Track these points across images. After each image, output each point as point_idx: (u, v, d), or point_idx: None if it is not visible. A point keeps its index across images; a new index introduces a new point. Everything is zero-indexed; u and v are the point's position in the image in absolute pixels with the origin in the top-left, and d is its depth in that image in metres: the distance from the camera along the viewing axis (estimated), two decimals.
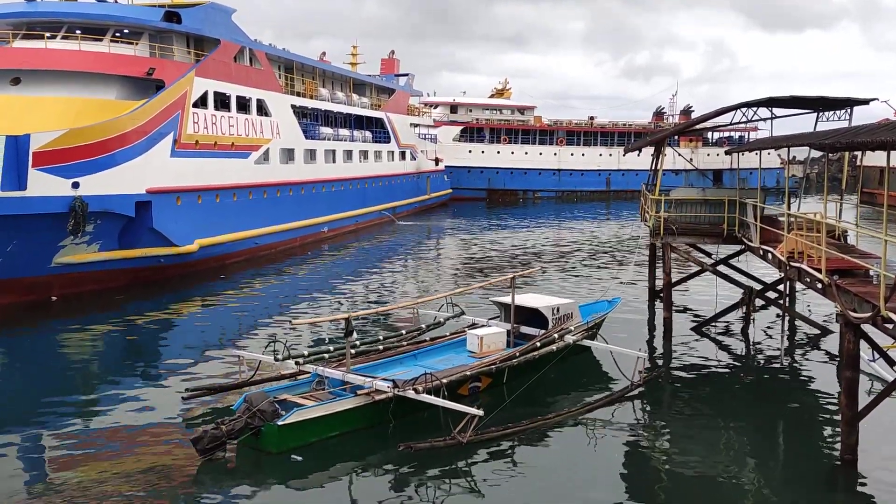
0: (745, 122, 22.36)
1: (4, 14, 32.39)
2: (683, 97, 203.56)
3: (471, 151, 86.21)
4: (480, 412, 14.13)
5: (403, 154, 64.44)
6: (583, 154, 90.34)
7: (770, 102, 21.19)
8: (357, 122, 56.22)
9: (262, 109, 40.44)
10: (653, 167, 25.50)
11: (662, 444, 14.81)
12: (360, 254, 42.00)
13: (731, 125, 24.59)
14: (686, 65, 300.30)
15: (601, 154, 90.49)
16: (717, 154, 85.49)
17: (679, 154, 40.58)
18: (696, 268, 23.84)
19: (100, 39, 31.99)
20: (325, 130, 49.44)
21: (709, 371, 19.54)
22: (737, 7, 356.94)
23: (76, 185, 26.81)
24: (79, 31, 32.03)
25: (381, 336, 19.77)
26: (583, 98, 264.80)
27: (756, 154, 23.56)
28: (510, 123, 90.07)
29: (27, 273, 26.53)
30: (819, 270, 14.62)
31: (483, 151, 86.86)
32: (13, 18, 32.50)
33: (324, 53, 60.05)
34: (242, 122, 38.08)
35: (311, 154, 46.29)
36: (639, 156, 39.86)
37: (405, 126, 65.94)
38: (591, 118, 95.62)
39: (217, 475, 12.92)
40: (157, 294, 28.67)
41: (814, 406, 17.16)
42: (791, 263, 16.66)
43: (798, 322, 23.33)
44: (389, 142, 61.20)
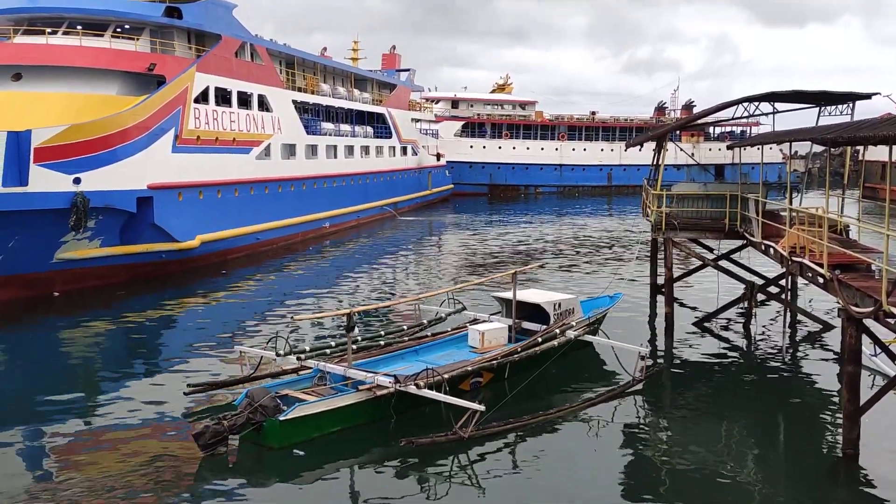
0: (747, 117, 22.31)
1: (5, 10, 32.41)
2: (685, 92, 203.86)
3: (472, 147, 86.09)
4: (482, 407, 14.14)
5: (405, 149, 64.36)
6: (584, 149, 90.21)
7: (772, 97, 21.12)
8: (358, 118, 56.18)
9: (264, 105, 40.44)
10: (654, 162, 25.47)
11: (664, 439, 14.82)
12: (362, 249, 42.01)
13: (733, 120, 24.54)
14: (688, 60, 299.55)
15: (602, 149, 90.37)
16: (719, 149, 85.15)
17: (681, 149, 40.57)
18: (698, 263, 23.82)
19: (101, 35, 31.99)
20: (327, 126, 49.43)
21: (710, 366, 19.54)
22: (739, 1, 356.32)
23: (78, 181, 26.84)
24: (80, 27, 32.03)
25: (383, 331, 19.85)
26: (584, 93, 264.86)
27: (758, 149, 23.51)
28: (511, 118, 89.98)
29: (29, 269, 26.57)
30: (821, 265, 14.61)
31: (484, 147, 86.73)
32: (14, 14, 32.50)
33: (325, 49, 59.89)
34: (244, 118, 38.08)
35: (313, 149, 46.27)
36: (640, 151, 39.87)
37: (406, 121, 65.86)
38: (593, 113, 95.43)
39: (219, 470, 12.96)
40: (159, 290, 28.70)
41: (815, 401, 17.17)
42: (793, 258, 16.65)
43: (800, 317, 23.30)
44: (391, 137, 61.13)
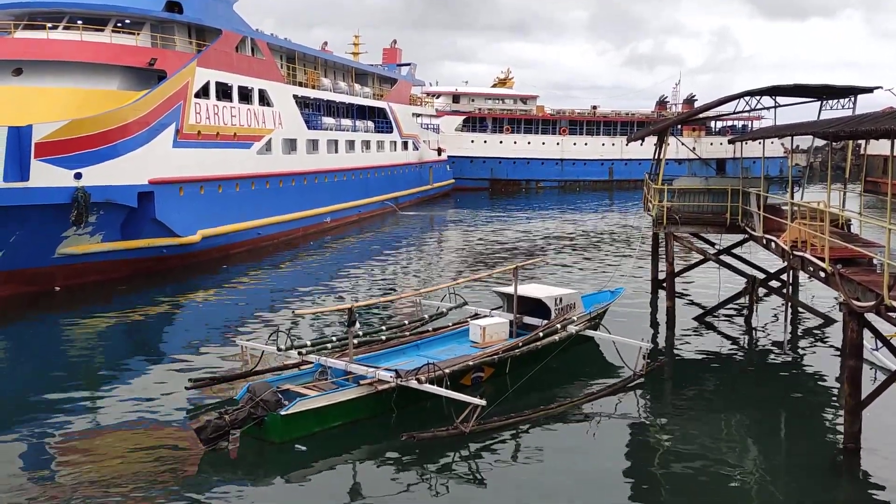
0: (749, 111, 22.27)
1: (6, 5, 32.37)
2: (687, 86, 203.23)
3: (473, 141, 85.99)
4: (483, 402, 14.15)
5: (406, 144, 64.31)
6: (585, 144, 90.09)
7: (773, 91, 21.09)
8: (359, 112, 56.12)
9: (265, 99, 40.39)
10: (656, 156, 25.41)
11: (665, 434, 14.81)
12: (363, 244, 42.01)
13: (735, 114, 24.54)
14: (689, 54, 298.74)
15: (604, 144, 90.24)
16: (721, 143, 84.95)
17: (682, 143, 40.39)
18: (699, 257, 23.80)
19: (101, 30, 31.95)
20: (328, 120, 49.37)
21: (712, 360, 19.54)
22: None
23: (79, 176, 26.82)
24: (80, 22, 31.96)
25: (384, 326, 19.82)
26: (585, 87, 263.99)
27: (759, 143, 23.47)
28: (513, 113, 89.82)
29: (30, 264, 26.58)
30: (822, 259, 14.59)
31: (485, 141, 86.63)
32: (15, 9, 32.49)
33: (325, 43, 59.85)
34: (244, 113, 38.04)
35: (314, 144, 46.25)
36: (642, 145, 39.66)
37: (407, 116, 65.78)
38: (594, 107, 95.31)
39: (220, 465, 12.96)
40: (160, 285, 28.73)
41: (817, 395, 17.18)
42: (794, 252, 16.63)
43: (801, 311, 23.30)
44: (392, 132, 61.07)
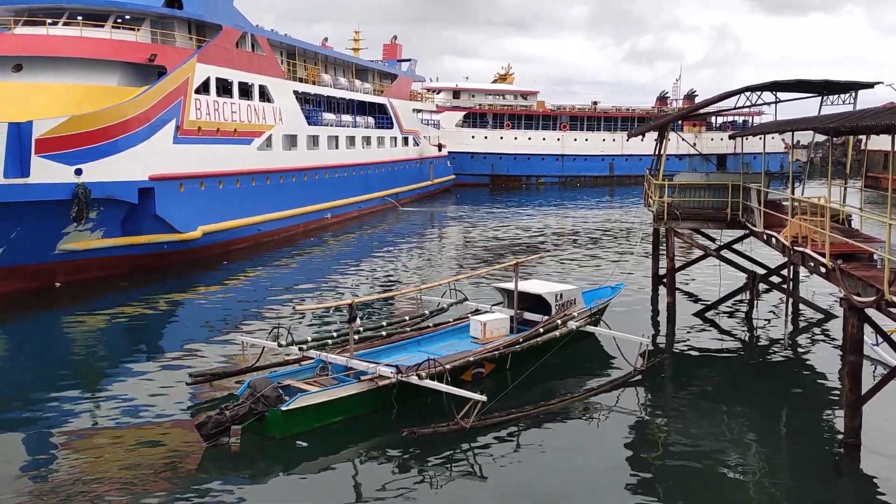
0: (749, 107, 22.24)
1: (6, 0, 32.31)
2: (687, 82, 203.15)
3: (474, 137, 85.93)
4: (483, 398, 14.15)
5: (406, 140, 64.27)
6: (586, 139, 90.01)
7: (774, 86, 21.04)
8: (360, 108, 56.07)
9: (265, 95, 40.36)
10: (656, 152, 25.40)
11: (665, 429, 14.82)
12: (364, 240, 42.02)
13: (735, 110, 24.48)
14: (690, 49, 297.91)
15: (604, 139, 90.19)
16: (721, 139, 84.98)
17: (682, 139, 40.35)
18: (700, 253, 23.80)
19: (101, 26, 31.90)
20: (328, 116, 49.35)
21: (712, 356, 19.54)
22: None
23: (79, 172, 26.82)
24: (80, 18, 31.92)
25: (385, 322, 19.81)
26: (586, 83, 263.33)
27: (760, 138, 23.45)
28: (513, 109, 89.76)
29: (31, 260, 26.59)
30: (823, 255, 14.59)
31: (486, 137, 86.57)
32: (14, 5, 32.41)
33: (326, 39, 59.75)
34: (245, 109, 38.02)
35: (314, 140, 46.22)
36: (642, 141, 39.72)
37: (408, 112, 65.73)
38: (595, 103, 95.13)
39: (221, 460, 12.97)
40: (161, 280, 28.73)
41: (817, 390, 17.19)
42: (795, 248, 16.63)
43: (802, 307, 23.27)
44: (392, 128, 61.04)
